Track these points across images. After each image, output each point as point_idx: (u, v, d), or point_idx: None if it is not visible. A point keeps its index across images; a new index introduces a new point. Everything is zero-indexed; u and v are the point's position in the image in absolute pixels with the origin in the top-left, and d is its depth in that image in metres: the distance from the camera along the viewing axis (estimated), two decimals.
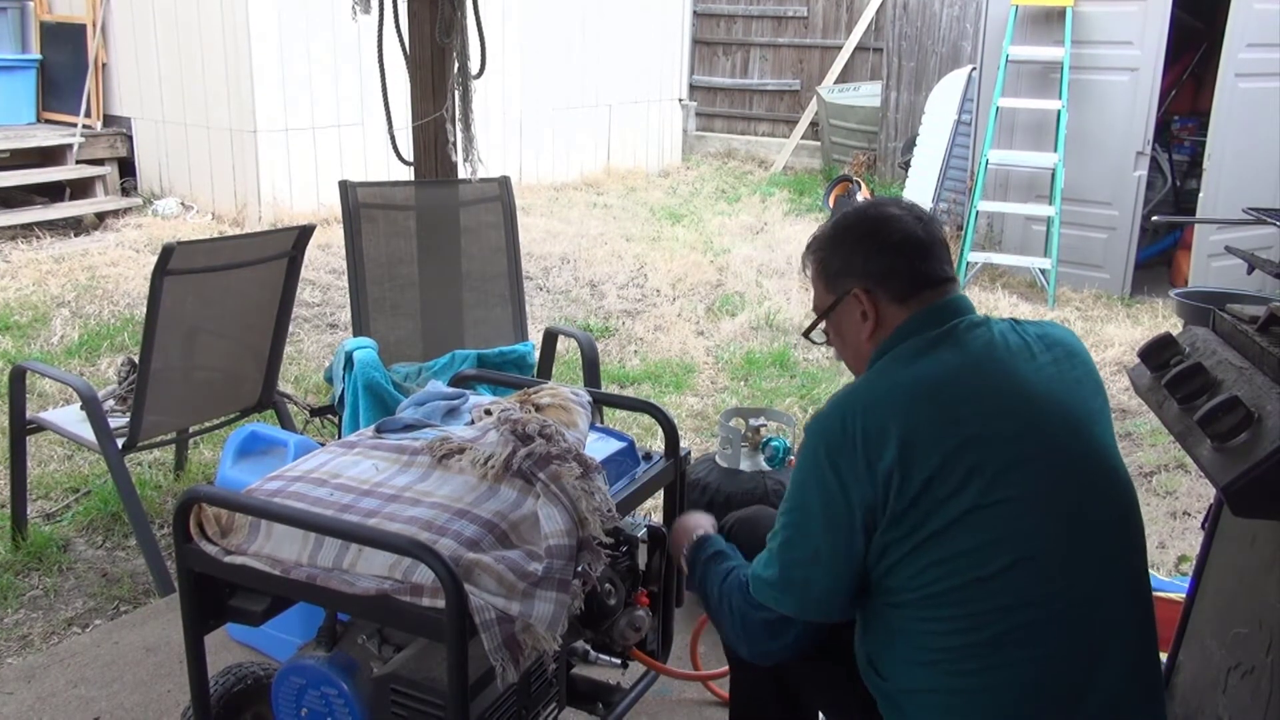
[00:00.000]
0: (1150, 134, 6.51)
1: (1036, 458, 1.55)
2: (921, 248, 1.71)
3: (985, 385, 1.60)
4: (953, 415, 1.55)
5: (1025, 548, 1.52)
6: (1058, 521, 1.54)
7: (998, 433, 1.55)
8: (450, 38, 3.45)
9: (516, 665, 1.58)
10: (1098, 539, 1.58)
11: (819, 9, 11.08)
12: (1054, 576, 1.53)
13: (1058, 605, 1.53)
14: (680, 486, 2.17)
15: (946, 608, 1.53)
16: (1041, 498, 1.54)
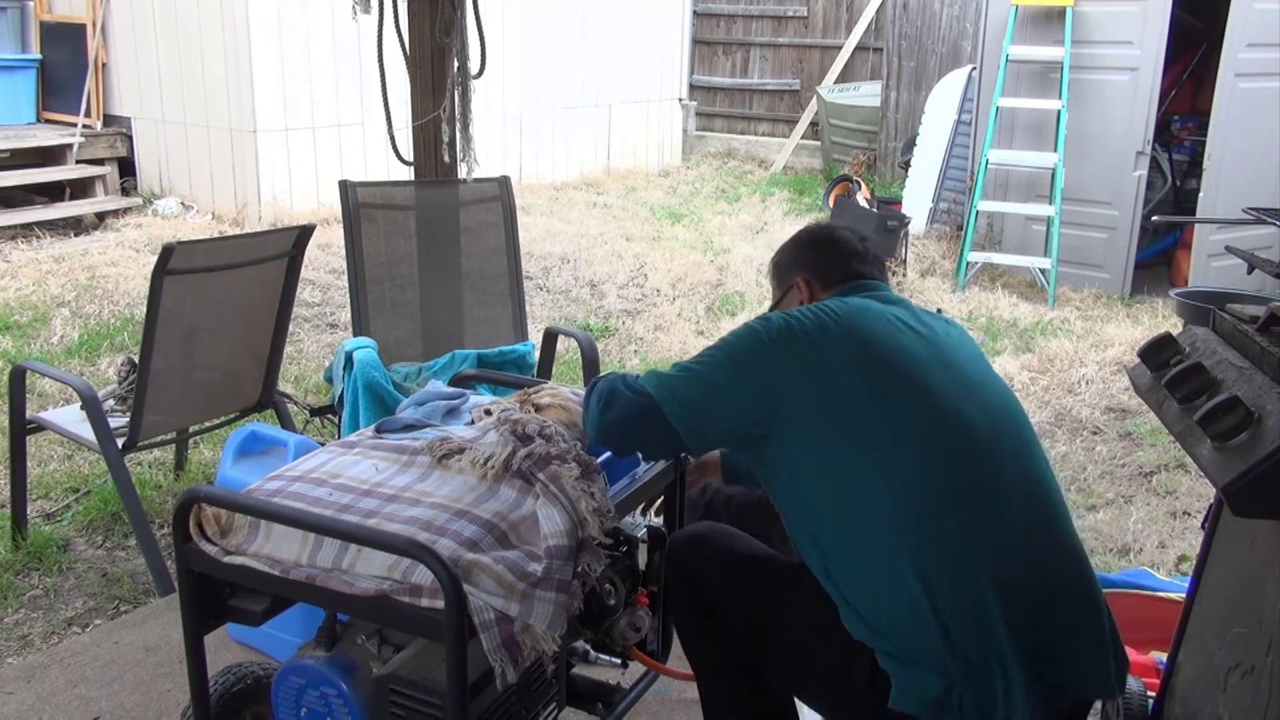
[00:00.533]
0: (1150, 134, 6.51)
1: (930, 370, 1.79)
2: (857, 254, 2.04)
3: (894, 316, 1.86)
4: (867, 329, 1.80)
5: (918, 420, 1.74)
6: (942, 413, 1.75)
7: (899, 351, 1.79)
8: (450, 38, 3.45)
9: (515, 666, 1.58)
10: (985, 428, 1.78)
11: (819, 9, 11.08)
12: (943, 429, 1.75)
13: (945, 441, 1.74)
14: (680, 486, 2.17)
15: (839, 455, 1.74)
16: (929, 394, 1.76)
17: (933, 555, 1.68)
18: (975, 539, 1.71)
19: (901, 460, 1.71)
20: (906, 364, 1.77)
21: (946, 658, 1.64)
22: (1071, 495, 3.86)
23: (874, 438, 1.72)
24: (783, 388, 1.75)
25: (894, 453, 1.72)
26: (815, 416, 1.74)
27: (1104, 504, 3.82)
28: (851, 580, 1.72)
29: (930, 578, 1.66)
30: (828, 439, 1.74)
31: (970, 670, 1.65)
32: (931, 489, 1.71)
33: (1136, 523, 3.64)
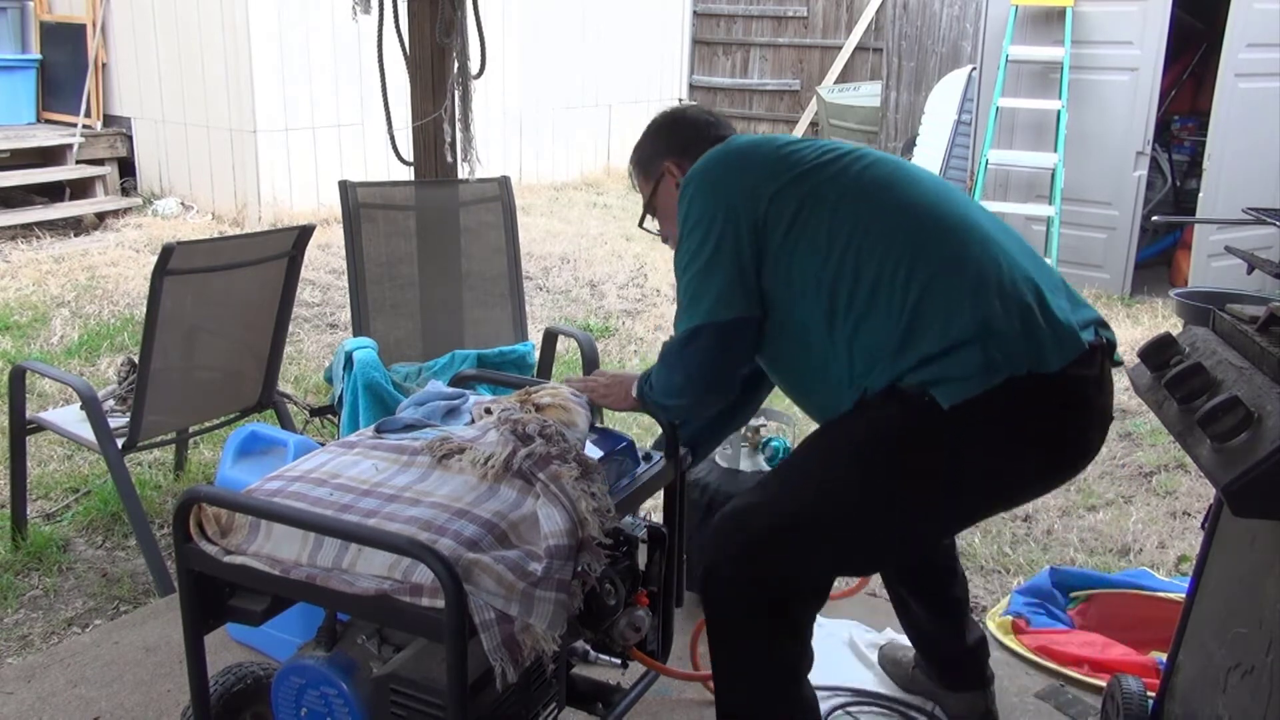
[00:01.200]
0: (1150, 134, 6.51)
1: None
2: (712, 123, 2.12)
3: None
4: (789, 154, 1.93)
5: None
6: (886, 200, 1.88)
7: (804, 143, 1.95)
8: (450, 38, 3.45)
9: (516, 665, 1.58)
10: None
11: (819, 9, 11.07)
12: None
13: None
14: (680, 486, 2.17)
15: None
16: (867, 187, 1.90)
17: (929, 248, 1.81)
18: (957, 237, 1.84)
19: (871, 209, 1.86)
20: (818, 148, 1.94)
21: (971, 326, 1.74)
22: (1071, 495, 3.86)
23: (837, 199, 1.87)
24: (747, 216, 1.87)
25: (862, 205, 1.86)
26: (784, 218, 1.86)
27: (1104, 504, 3.82)
28: (869, 324, 1.80)
29: (933, 268, 1.79)
30: (804, 222, 1.86)
31: (986, 326, 1.74)
32: (898, 212, 1.85)
33: (1136, 523, 3.64)
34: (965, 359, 1.73)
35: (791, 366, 1.98)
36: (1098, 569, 3.24)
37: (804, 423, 4.39)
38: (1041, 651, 2.71)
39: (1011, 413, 1.75)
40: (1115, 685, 2.23)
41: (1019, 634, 2.79)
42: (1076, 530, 3.60)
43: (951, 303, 1.77)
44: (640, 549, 2.06)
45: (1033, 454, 1.81)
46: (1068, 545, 3.49)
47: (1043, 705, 2.54)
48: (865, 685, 2.56)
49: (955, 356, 1.74)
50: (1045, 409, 1.78)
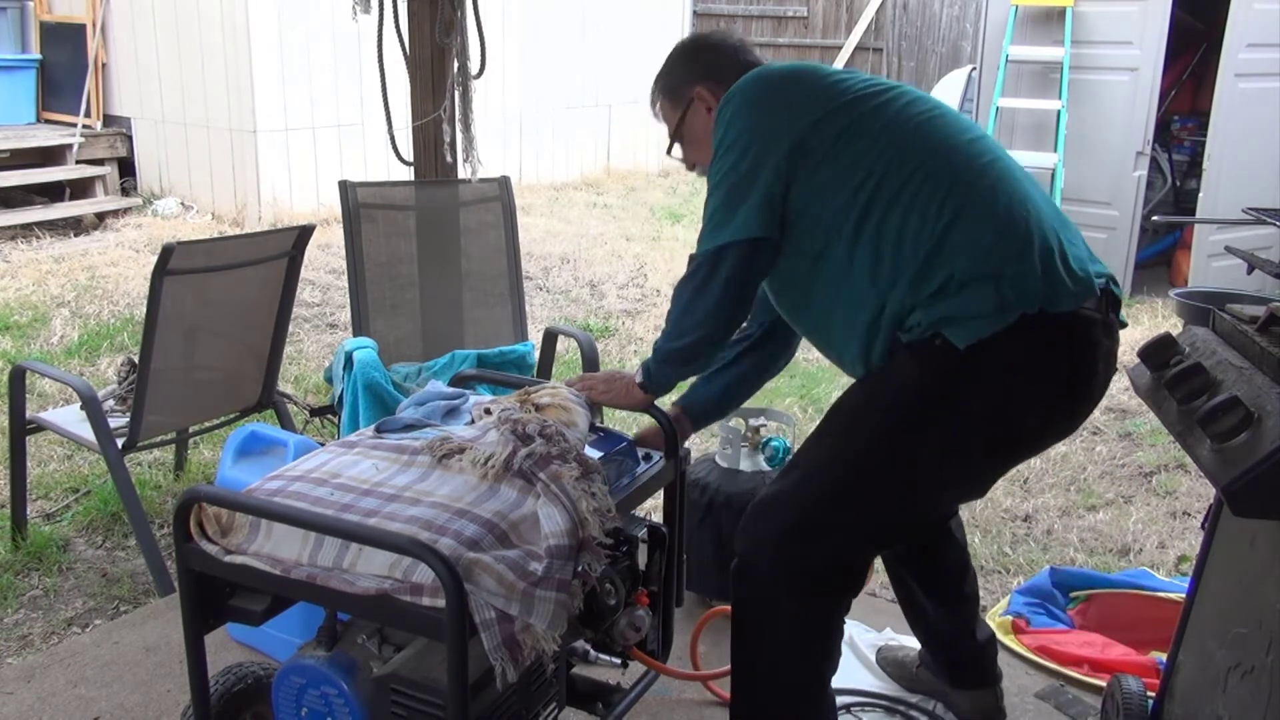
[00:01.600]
0: (1150, 134, 6.51)
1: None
2: (739, 47, 2.10)
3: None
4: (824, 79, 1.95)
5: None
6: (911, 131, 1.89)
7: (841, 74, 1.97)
8: (450, 38, 3.45)
9: (516, 665, 1.58)
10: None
11: (819, 9, 11.08)
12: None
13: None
14: (680, 486, 2.16)
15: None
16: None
17: (948, 187, 1.83)
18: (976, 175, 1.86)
19: (912, 143, 1.87)
20: (862, 80, 1.95)
21: (991, 261, 1.78)
22: (1071, 495, 3.86)
23: (869, 132, 1.87)
24: (787, 139, 1.87)
25: (903, 138, 1.87)
26: (824, 145, 1.87)
27: (1104, 504, 3.82)
28: (897, 240, 1.82)
29: (954, 209, 1.81)
30: (842, 150, 1.86)
31: (1006, 263, 1.77)
32: (928, 149, 1.87)
33: (1136, 523, 3.64)
34: (979, 296, 1.76)
35: (811, 297, 1.97)
36: (1098, 569, 3.24)
37: (804, 422, 4.39)
38: (1041, 651, 2.71)
39: (1025, 350, 1.78)
40: (1115, 685, 2.23)
41: (1019, 634, 2.79)
42: (1076, 530, 3.60)
43: (977, 236, 1.80)
44: (640, 549, 2.06)
45: (1045, 390, 1.83)
46: (1068, 545, 3.49)
47: (1043, 705, 2.54)
48: (865, 686, 2.56)
49: (970, 292, 1.77)
50: (1055, 345, 1.81)
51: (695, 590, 2.85)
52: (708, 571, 2.80)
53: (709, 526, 2.76)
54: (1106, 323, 1.89)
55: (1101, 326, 1.87)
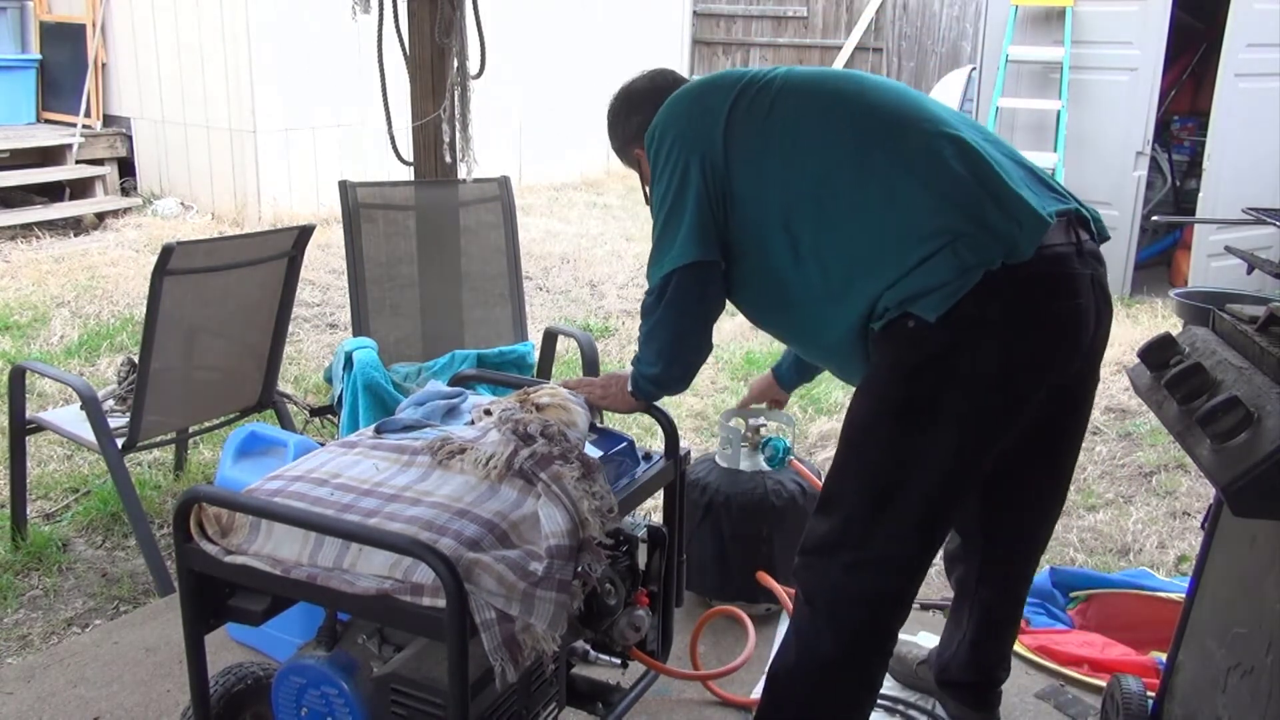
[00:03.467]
0: (1150, 134, 6.51)
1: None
2: (655, 89, 2.11)
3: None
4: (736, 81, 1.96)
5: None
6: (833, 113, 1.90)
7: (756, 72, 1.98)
8: (449, 38, 3.45)
9: (516, 665, 1.58)
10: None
11: (819, 9, 11.08)
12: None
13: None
14: (680, 486, 2.17)
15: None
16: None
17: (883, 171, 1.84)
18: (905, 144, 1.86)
19: (817, 123, 1.89)
20: (768, 74, 1.97)
21: (936, 233, 1.77)
22: (1071, 495, 3.86)
23: (793, 129, 1.90)
24: (710, 154, 1.90)
25: (808, 121, 1.89)
26: (742, 146, 1.90)
27: (1104, 504, 3.82)
28: (832, 241, 1.85)
29: (893, 190, 1.82)
30: (760, 151, 1.89)
31: (957, 228, 1.77)
32: (852, 125, 1.87)
33: (1136, 523, 3.64)
34: (938, 266, 1.75)
35: (776, 311, 2.01)
36: (1097, 569, 3.24)
37: (804, 422, 4.39)
38: (1041, 651, 2.71)
39: (999, 305, 1.77)
40: (1115, 685, 2.23)
41: (1019, 634, 2.79)
42: (1076, 530, 3.60)
43: (915, 214, 1.79)
44: (640, 549, 2.06)
45: (1027, 341, 1.81)
46: (1068, 545, 3.49)
47: (1042, 705, 2.54)
48: None
49: (927, 267, 1.76)
50: (1028, 296, 1.79)
51: (695, 590, 2.85)
52: (707, 571, 2.81)
53: (709, 526, 2.76)
54: (1081, 250, 1.86)
55: (1075, 255, 1.84)
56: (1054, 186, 1.92)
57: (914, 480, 1.85)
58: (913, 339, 1.79)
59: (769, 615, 2.85)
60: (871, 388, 1.89)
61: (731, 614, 2.65)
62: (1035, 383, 1.86)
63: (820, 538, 1.92)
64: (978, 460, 1.88)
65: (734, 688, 2.53)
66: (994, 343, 1.79)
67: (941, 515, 1.90)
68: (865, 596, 1.88)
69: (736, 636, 2.68)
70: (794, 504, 2.76)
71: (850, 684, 1.95)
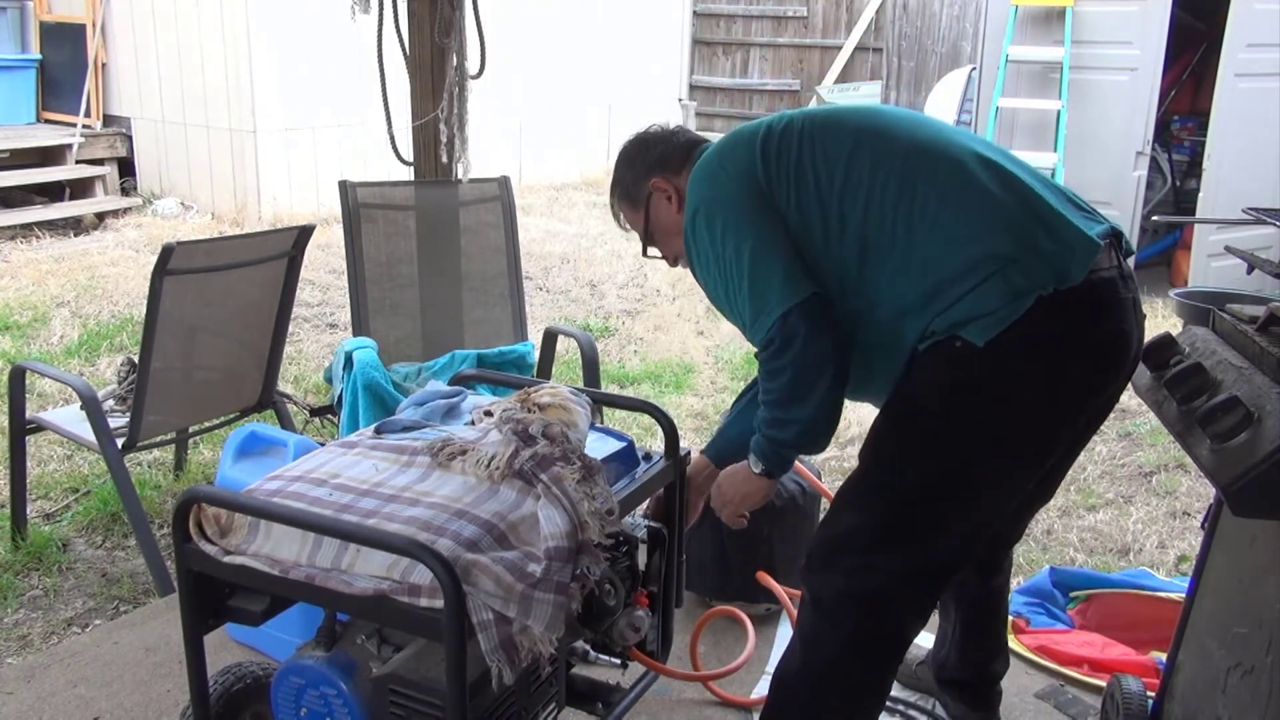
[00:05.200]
0: (1150, 134, 6.51)
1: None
2: (679, 131, 2.13)
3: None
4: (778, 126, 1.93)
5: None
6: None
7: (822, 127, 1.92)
8: (449, 38, 3.45)
9: (513, 667, 1.58)
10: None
11: (819, 9, 11.08)
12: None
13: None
14: (680, 486, 2.17)
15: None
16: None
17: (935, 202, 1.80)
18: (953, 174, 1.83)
19: (858, 163, 1.84)
20: (784, 120, 1.94)
21: (987, 259, 1.74)
22: (1071, 495, 3.86)
23: (836, 172, 1.85)
24: (764, 197, 1.86)
25: (846, 161, 1.85)
26: (781, 192, 1.86)
27: (1104, 504, 3.82)
28: (880, 280, 1.81)
29: (944, 222, 1.78)
30: (801, 192, 1.86)
31: (1008, 255, 1.74)
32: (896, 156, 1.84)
33: (1136, 523, 3.64)
34: (989, 293, 1.73)
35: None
36: (1098, 569, 3.24)
37: None
38: (1041, 651, 2.71)
39: (1047, 333, 1.75)
40: (1115, 685, 2.23)
41: (1019, 634, 2.79)
42: (1076, 530, 3.60)
43: (958, 240, 1.76)
44: (640, 549, 2.06)
45: (1076, 366, 1.79)
46: (1067, 545, 3.49)
47: (1042, 705, 2.54)
48: None
49: (978, 294, 1.73)
50: (1079, 320, 1.77)
51: (695, 591, 2.84)
52: (707, 572, 2.80)
53: (709, 526, 2.75)
54: (1124, 273, 1.84)
55: (1120, 279, 1.82)
56: (1084, 206, 1.90)
57: (933, 495, 1.84)
58: (956, 359, 1.76)
59: (769, 615, 2.85)
60: (905, 400, 1.86)
61: (731, 614, 2.65)
62: (1077, 410, 1.85)
63: (829, 538, 1.92)
64: (1009, 485, 1.87)
65: (734, 688, 2.53)
66: (1039, 369, 1.77)
67: (960, 532, 1.88)
68: (870, 601, 1.87)
69: (736, 637, 2.68)
70: (794, 504, 2.75)
71: (854, 689, 1.94)
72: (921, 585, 1.89)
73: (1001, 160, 1.85)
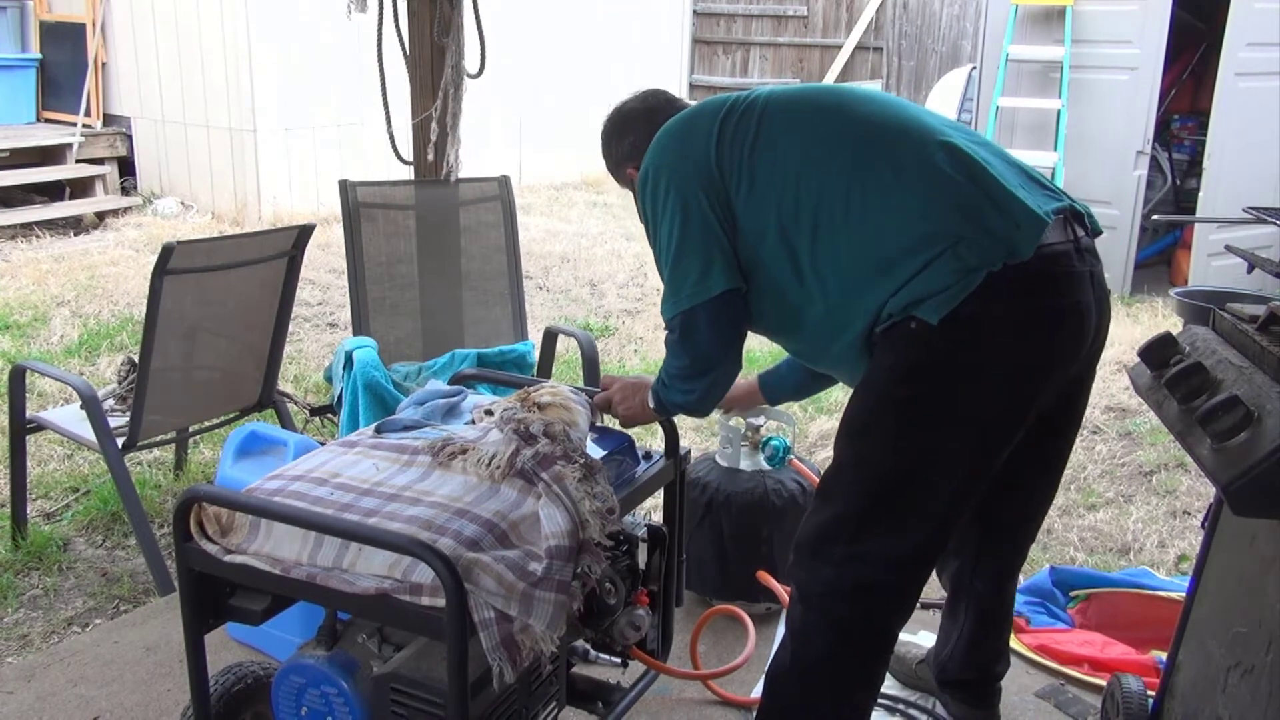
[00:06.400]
0: (1150, 133, 6.51)
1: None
2: (655, 108, 2.20)
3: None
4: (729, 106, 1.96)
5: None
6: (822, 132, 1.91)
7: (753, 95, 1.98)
8: (448, 37, 3.45)
9: (514, 665, 1.58)
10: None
11: (819, 8, 11.08)
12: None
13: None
14: (680, 485, 2.17)
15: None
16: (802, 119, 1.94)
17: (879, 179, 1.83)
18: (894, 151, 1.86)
19: (809, 138, 1.90)
20: (750, 97, 1.98)
21: (935, 238, 1.77)
22: (1071, 494, 3.86)
23: (786, 144, 1.90)
24: (708, 181, 1.91)
25: (799, 136, 1.91)
26: (734, 170, 1.90)
27: (1104, 503, 3.82)
28: (829, 256, 1.85)
29: (887, 199, 1.82)
30: (754, 172, 1.90)
31: (957, 232, 1.77)
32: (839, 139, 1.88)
33: (1136, 522, 3.64)
34: (940, 271, 1.75)
35: (782, 326, 2.00)
36: (1098, 568, 3.24)
37: (804, 422, 4.39)
38: (1041, 650, 2.71)
39: (1000, 308, 1.77)
40: (1115, 684, 2.23)
41: (1019, 633, 2.79)
42: (1076, 529, 3.60)
43: (908, 218, 1.80)
44: (640, 548, 2.06)
45: (1033, 338, 1.81)
46: (1067, 544, 3.49)
47: (1042, 704, 2.54)
48: None
49: (929, 272, 1.76)
50: (1030, 296, 1.80)
51: (695, 590, 2.85)
52: (707, 571, 2.81)
53: (709, 526, 2.76)
54: (1079, 246, 1.86)
55: (1074, 252, 1.85)
56: (1046, 184, 1.92)
57: (909, 478, 1.85)
58: (913, 340, 1.79)
59: (769, 614, 2.85)
60: (870, 386, 1.88)
61: (731, 613, 2.65)
62: (1039, 383, 1.86)
63: (812, 532, 1.93)
64: (980, 462, 1.88)
65: (734, 687, 2.53)
66: (995, 343, 1.79)
67: (938, 514, 1.89)
68: (857, 593, 1.88)
69: (736, 636, 2.68)
70: (794, 503, 2.76)
71: (845, 684, 1.95)
72: (906, 572, 1.90)
73: (959, 139, 1.87)
